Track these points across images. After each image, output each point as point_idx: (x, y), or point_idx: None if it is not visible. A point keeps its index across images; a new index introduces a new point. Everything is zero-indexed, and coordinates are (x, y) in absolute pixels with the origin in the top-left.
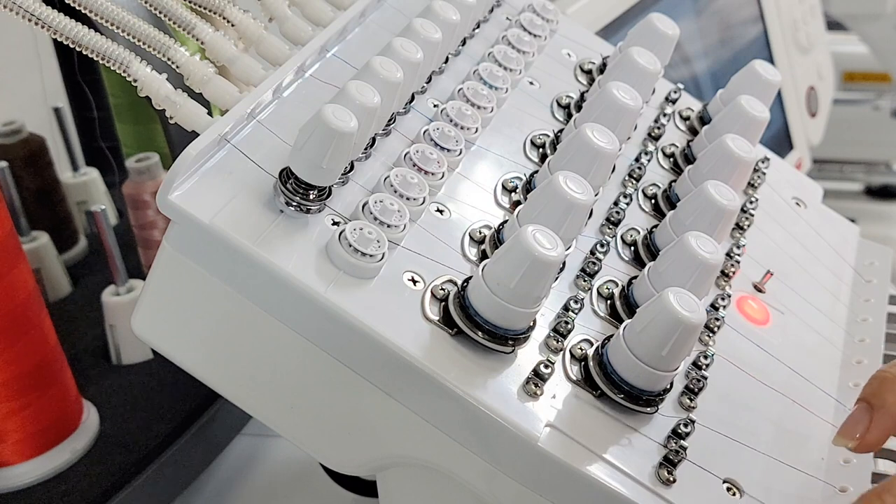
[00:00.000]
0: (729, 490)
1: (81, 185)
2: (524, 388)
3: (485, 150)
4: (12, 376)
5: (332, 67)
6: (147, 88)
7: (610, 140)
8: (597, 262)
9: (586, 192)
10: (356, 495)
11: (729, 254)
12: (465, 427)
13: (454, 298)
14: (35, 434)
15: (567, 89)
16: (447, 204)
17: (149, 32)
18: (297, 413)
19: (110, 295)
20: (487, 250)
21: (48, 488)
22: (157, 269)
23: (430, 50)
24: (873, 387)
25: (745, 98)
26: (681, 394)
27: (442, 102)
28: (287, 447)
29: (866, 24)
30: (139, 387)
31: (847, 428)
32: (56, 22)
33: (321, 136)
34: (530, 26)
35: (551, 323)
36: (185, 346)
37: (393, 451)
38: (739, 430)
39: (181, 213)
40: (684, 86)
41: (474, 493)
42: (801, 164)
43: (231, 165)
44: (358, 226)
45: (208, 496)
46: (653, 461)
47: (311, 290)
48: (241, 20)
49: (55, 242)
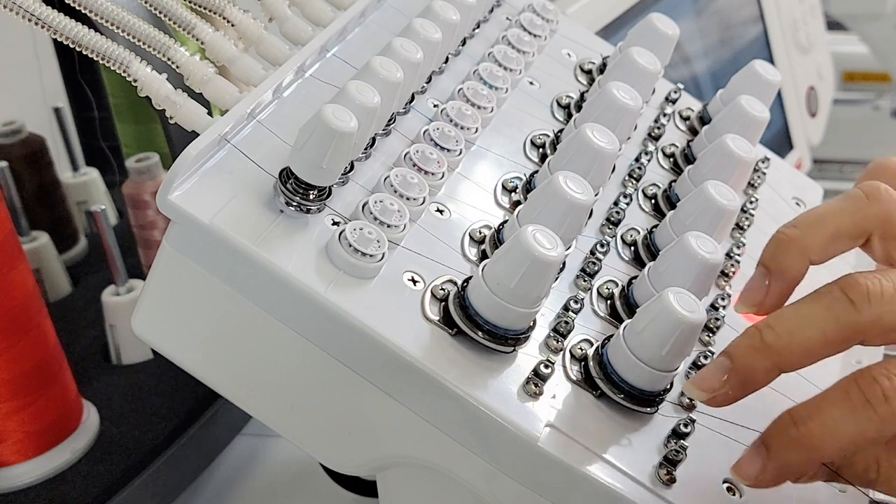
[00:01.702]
0: (729, 490)
1: (81, 185)
2: (524, 388)
3: (485, 150)
4: (12, 376)
5: (332, 67)
6: (147, 88)
7: (610, 140)
8: (597, 262)
9: (586, 192)
10: (356, 495)
11: (729, 254)
12: (465, 427)
13: (454, 298)
14: (35, 434)
15: (567, 89)
16: (447, 204)
17: (149, 32)
18: (297, 413)
19: (110, 295)
20: (487, 250)
21: (48, 488)
22: (157, 269)
23: (430, 50)
24: (770, 250)
25: (745, 98)
26: (681, 394)
27: (442, 102)
28: (287, 447)
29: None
30: (139, 387)
31: (746, 295)
32: (56, 22)
33: (321, 136)
34: (530, 26)
35: (551, 323)
36: (185, 346)
37: (393, 451)
38: (739, 430)
39: (181, 213)
40: (684, 86)
41: (474, 493)
42: (801, 164)
43: (231, 165)
44: (358, 226)
45: (208, 496)
46: (653, 461)
47: (311, 290)
48: (241, 20)
49: (55, 242)
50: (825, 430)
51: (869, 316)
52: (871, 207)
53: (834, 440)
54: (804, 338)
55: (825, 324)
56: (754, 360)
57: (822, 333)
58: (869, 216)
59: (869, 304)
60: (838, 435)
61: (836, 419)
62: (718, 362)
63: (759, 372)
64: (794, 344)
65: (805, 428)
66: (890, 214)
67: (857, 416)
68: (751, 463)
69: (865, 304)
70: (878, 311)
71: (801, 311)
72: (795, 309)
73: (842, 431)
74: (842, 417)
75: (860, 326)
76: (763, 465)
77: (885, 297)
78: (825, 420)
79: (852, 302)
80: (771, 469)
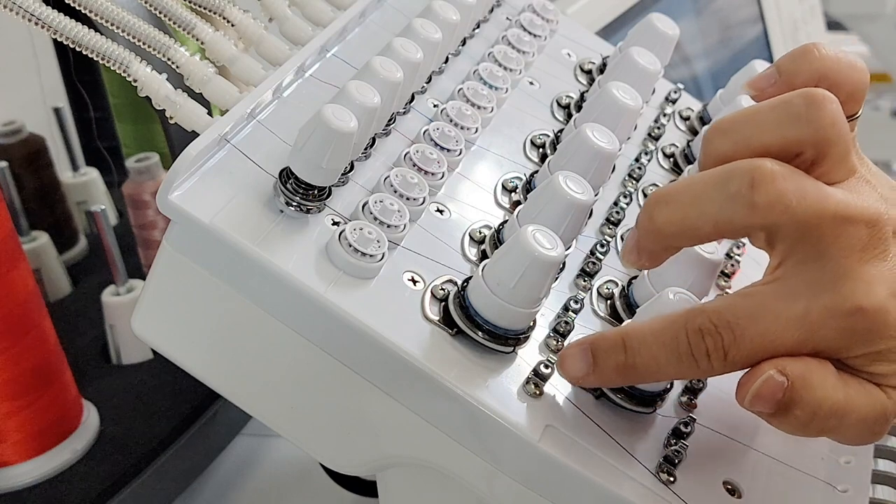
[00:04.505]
0: (729, 490)
1: (81, 185)
2: (524, 388)
3: (485, 150)
4: (12, 376)
5: (332, 67)
6: (147, 88)
7: (610, 140)
8: (597, 262)
9: (586, 191)
10: (356, 495)
11: (729, 254)
12: (465, 427)
13: (454, 298)
14: (35, 434)
15: (567, 89)
16: (447, 204)
17: (149, 32)
18: (297, 413)
19: (110, 295)
20: (487, 250)
21: (48, 488)
22: (157, 269)
23: (430, 50)
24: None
25: (744, 98)
26: (681, 394)
27: (442, 102)
28: (287, 447)
29: (866, 24)
30: (139, 387)
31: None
32: (56, 22)
33: (321, 136)
34: (530, 26)
35: (551, 323)
36: (185, 346)
37: (393, 451)
38: (739, 430)
39: (181, 213)
40: (684, 86)
41: (474, 493)
42: None
43: (231, 165)
44: (358, 226)
45: (208, 496)
46: (653, 461)
47: (311, 291)
48: (241, 20)
49: (55, 242)
50: (648, 370)
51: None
52: (807, 126)
53: (654, 379)
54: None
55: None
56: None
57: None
58: (803, 136)
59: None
60: (659, 376)
61: (661, 363)
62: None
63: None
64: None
65: (632, 360)
66: (824, 136)
67: (681, 365)
68: (576, 365)
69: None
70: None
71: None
72: (692, 188)
73: (663, 374)
74: (667, 362)
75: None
76: (587, 373)
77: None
78: (649, 361)
79: (752, 204)
80: (592, 380)
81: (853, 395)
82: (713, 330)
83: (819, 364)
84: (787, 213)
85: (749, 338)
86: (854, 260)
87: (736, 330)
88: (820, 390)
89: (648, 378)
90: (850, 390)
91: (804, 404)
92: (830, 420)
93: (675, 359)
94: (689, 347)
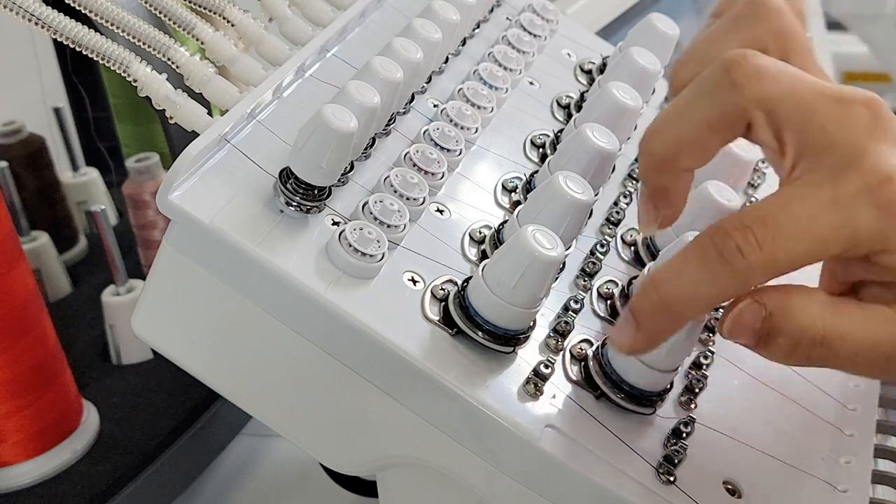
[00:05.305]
0: (729, 490)
1: (81, 185)
2: (524, 388)
3: (485, 150)
4: (12, 376)
5: (332, 67)
6: (147, 88)
7: (610, 140)
8: (597, 262)
9: (586, 191)
10: (356, 495)
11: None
12: (465, 427)
13: (454, 298)
14: (35, 434)
15: (567, 89)
16: (447, 204)
17: (149, 32)
18: (297, 413)
19: (110, 295)
20: (487, 250)
21: (48, 488)
22: (157, 269)
23: (430, 50)
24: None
25: None
26: (681, 394)
27: (442, 102)
28: (287, 447)
29: (866, 24)
30: (139, 387)
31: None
32: (56, 22)
33: (321, 136)
34: (530, 26)
35: (551, 323)
36: (185, 346)
37: (393, 451)
38: (739, 430)
39: (181, 213)
40: None
41: (474, 493)
42: None
43: (231, 165)
44: (358, 226)
45: (208, 496)
46: (653, 461)
47: (311, 290)
48: (241, 20)
49: (55, 242)
50: (685, 293)
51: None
52: (758, 22)
53: (696, 301)
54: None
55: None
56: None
57: (706, 119)
58: (759, 33)
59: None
60: (699, 296)
61: (694, 281)
62: None
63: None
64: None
65: (665, 291)
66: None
67: (715, 274)
68: (623, 333)
69: (745, 81)
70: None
71: (680, 109)
72: (675, 105)
73: (702, 293)
74: (699, 278)
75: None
76: (634, 334)
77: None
78: (683, 283)
79: (733, 83)
80: (642, 338)
81: (844, 323)
82: (740, 226)
83: (802, 291)
84: (774, 84)
85: (783, 227)
86: (865, 139)
87: (768, 220)
88: (801, 318)
89: (688, 308)
90: (843, 318)
91: (784, 332)
92: (817, 348)
93: (707, 269)
94: (716, 249)
